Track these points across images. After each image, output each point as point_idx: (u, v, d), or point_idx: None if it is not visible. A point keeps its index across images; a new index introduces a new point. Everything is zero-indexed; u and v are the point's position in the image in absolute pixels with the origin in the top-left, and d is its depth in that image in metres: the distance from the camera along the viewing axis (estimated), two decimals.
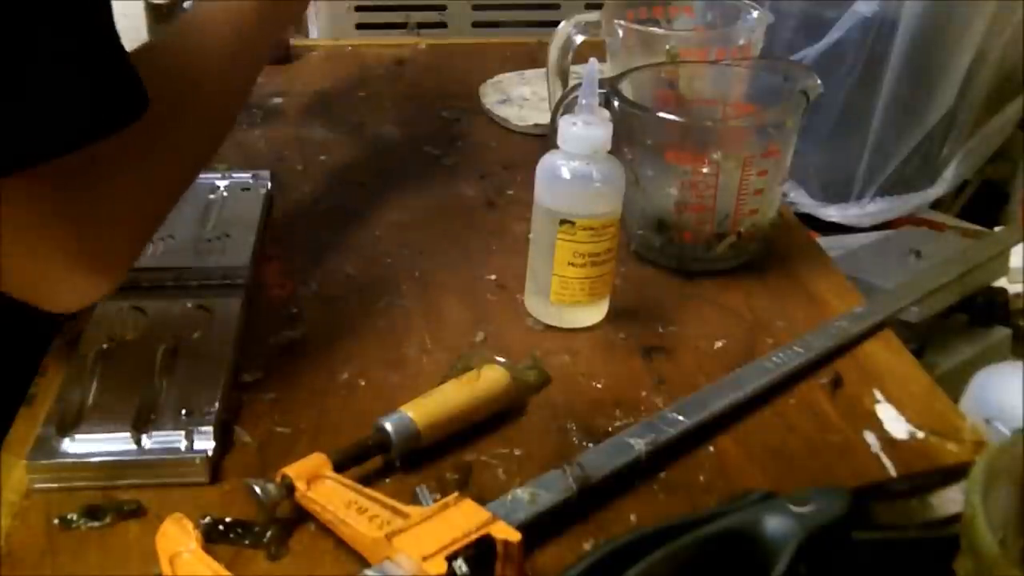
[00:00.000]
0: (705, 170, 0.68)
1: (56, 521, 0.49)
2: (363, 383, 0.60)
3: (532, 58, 1.09)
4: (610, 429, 0.56)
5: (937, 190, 1.50)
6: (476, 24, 1.27)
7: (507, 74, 1.06)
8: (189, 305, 0.64)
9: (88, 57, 0.46)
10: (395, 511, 0.46)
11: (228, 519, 0.48)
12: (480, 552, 0.44)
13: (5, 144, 0.44)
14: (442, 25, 1.26)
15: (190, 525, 0.46)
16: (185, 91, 0.55)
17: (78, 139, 0.46)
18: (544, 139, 0.70)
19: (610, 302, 0.66)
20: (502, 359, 0.61)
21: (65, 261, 0.50)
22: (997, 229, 1.39)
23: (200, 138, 0.58)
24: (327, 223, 0.79)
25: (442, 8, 1.25)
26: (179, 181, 0.57)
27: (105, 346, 0.59)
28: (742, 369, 0.60)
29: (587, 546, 0.48)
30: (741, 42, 0.79)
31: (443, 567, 0.42)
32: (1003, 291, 0.93)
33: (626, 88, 0.70)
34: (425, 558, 0.42)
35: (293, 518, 0.49)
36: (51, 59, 0.45)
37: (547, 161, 0.62)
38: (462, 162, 0.90)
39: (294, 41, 1.16)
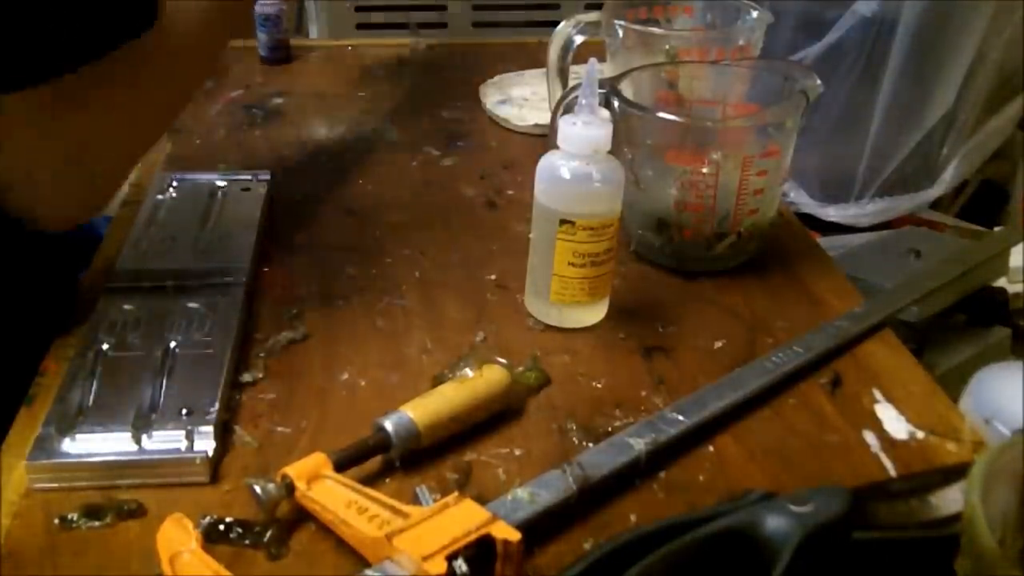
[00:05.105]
0: (705, 170, 0.68)
1: (56, 521, 0.49)
2: (363, 383, 0.60)
3: (532, 58, 1.09)
4: (610, 429, 0.56)
5: (937, 190, 1.51)
6: (476, 24, 1.27)
7: (507, 74, 1.07)
8: (189, 305, 0.63)
9: None
10: (395, 511, 0.46)
11: (228, 519, 0.48)
12: (480, 552, 0.44)
13: (13, 61, 0.51)
14: (442, 25, 1.26)
15: (190, 525, 0.46)
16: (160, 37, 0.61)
17: (99, 48, 0.54)
18: (544, 139, 0.70)
19: (610, 302, 0.66)
20: (502, 359, 0.61)
21: (56, 176, 0.59)
22: (997, 229, 1.40)
23: (175, 79, 0.66)
24: (327, 223, 0.79)
25: (442, 8, 1.25)
26: (158, 116, 0.66)
27: (105, 346, 0.59)
28: (742, 369, 0.60)
29: (587, 546, 0.48)
30: (741, 42, 0.79)
31: (443, 567, 0.42)
32: (1003, 291, 0.93)
33: (626, 88, 0.70)
34: (425, 558, 0.42)
35: (293, 518, 0.49)
36: None
37: (547, 161, 0.62)
38: (462, 162, 0.90)
39: (294, 41, 1.16)
